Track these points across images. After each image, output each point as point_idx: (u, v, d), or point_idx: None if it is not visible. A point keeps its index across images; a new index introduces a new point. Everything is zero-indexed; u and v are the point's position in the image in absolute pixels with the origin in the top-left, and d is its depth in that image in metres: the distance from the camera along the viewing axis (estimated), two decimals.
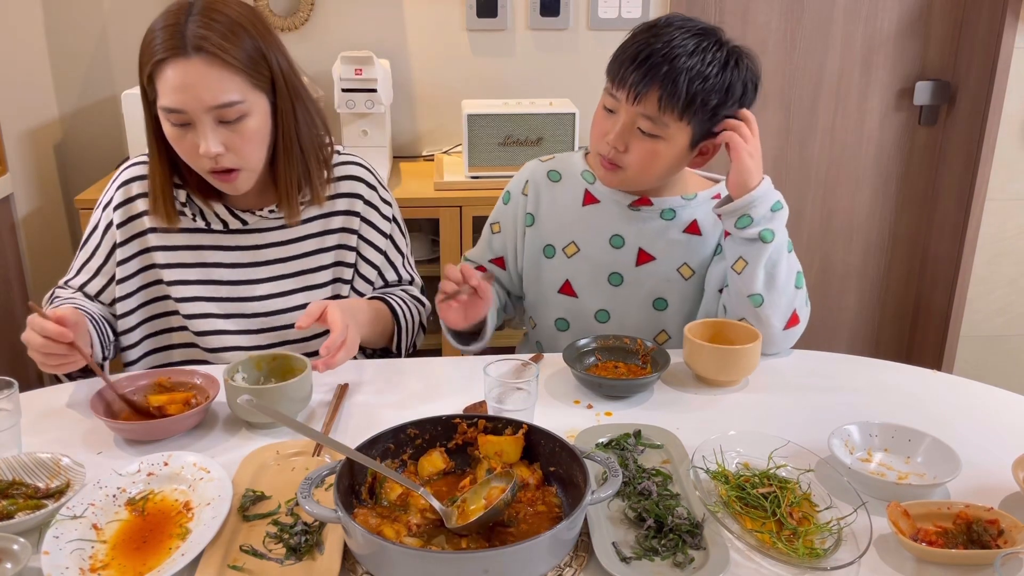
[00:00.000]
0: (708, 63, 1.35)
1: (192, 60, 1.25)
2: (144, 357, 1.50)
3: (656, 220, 1.53)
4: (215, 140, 1.29)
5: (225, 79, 1.27)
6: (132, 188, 1.46)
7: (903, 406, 1.28)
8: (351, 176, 1.51)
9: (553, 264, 1.58)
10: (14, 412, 1.10)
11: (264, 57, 1.31)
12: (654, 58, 1.34)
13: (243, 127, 1.31)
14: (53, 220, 2.56)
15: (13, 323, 2.26)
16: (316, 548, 0.95)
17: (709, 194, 1.54)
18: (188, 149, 1.32)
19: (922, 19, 2.70)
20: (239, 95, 1.29)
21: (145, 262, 1.46)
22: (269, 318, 1.48)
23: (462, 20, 2.58)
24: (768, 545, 0.94)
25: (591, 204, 1.55)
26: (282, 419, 1.01)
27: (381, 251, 1.54)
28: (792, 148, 2.82)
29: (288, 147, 1.38)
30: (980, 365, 2.96)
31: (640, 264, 1.54)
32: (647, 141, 1.40)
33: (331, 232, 1.50)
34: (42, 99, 2.52)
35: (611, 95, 1.42)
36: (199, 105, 1.27)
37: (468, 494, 0.97)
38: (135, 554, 0.94)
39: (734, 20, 2.68)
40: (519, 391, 1.17)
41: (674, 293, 1.55)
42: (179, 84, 1.26)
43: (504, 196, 1.65)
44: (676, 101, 1.35)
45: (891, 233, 2.94)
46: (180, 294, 1.46)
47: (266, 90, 1.33)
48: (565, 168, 1.60)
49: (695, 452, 1.10)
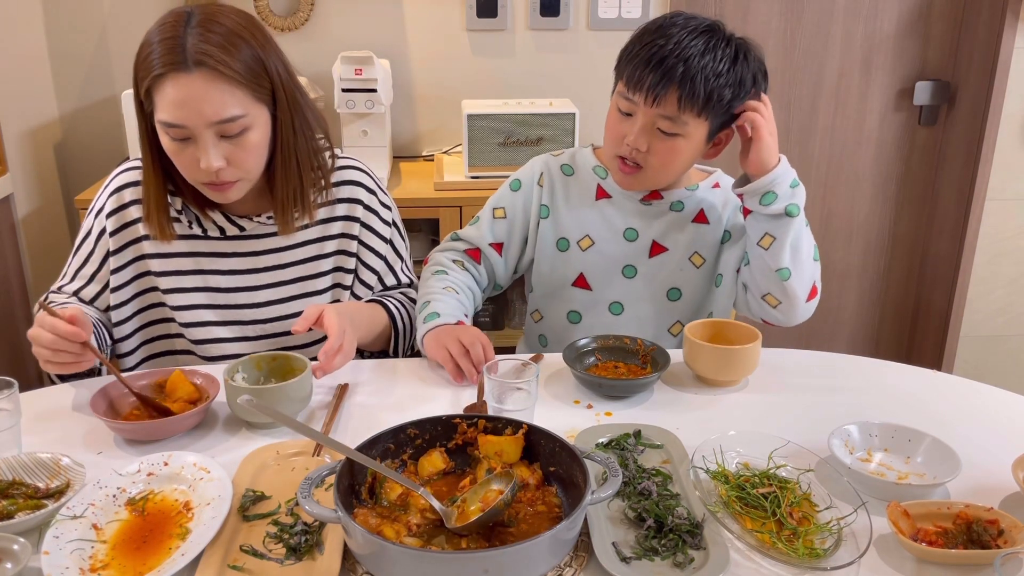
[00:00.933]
0: (720, 59, 1.38)
1: (193, 75, 1.23)
2: (140, 364, 1.50)
3: (667, 213, 1.56)
4: (217, 155, 1.27)
5: (227, 94, 1.25)
6: (125, 195, 1.44)
7: (903, 406, 1.28)
8: (351, 181, 1.50)
9: (567, 257, 1.59)
10: (14, 412, 1.10)
11: (264, 68, 1.29)
12: (669, 59, 1.37)
13: (245, 140, 1.29)
14: (53, 220, 2.56)
15: (13, 323, 2.26)
16: (316, 548, 0.95)
17: (708, 183, 1.59)
18: (188, 163, 1.29)
19: (922, 19, 2.70)
20: (241, 109, 1.27)
21: (140, 269, 1.45)
22: (268, 325, 1.48)
23: (462, 20, 2.58)
24: (768, 545, 0.94)
25: (604, 199, 1.58)
26: (282, 419, 1.01)
27: (381, 256, 1.53)
28: (792, 148, 2.82)
29: (286, 160, 1.36)
30: (980, 365, 2.96)
31: (653, 256, 1.57)
32: (668, 140, 1.43)
33: (330, 238, 1.49)
34: (42, 99, 2.52)
35: (626, 98, 1.43)
36: (201, 121, 1.24)
37: (468, 494, 0.98)
38: (135, 554, 0.94)
39: (734, 20, 2.68)
40: (519, 391, 1.17)
41: (687, 282, 1.58)
42: (180, 99, 1.23)
43: (512, 183, 1.64)
44: (695, 100, 1.38)
45: (891, 233, 2.94)
46: (177, 302, 1.45)
47: (267, 101, 1.31)
48: (577, 163, 1.62)
49: (695, 452, 1.10)
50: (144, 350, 1.50)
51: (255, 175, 1.35)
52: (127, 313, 1.46)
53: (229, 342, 1.47)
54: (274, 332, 1.48)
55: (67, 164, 2.61)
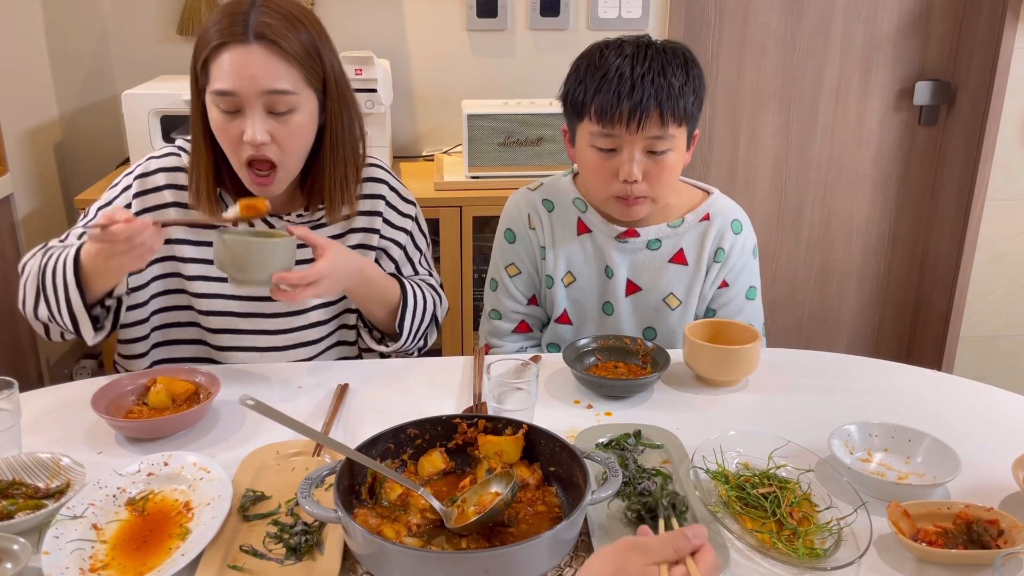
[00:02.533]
0: (673, 64, 1.39)
1: (251, 47, 1.28)
2: (152, 350, 1.50)
3: (643, 251, 1.54)
4: (262, 128, 1.30)
5: (281, 68, 1.29)
6: (158, 179, 1.43)
7: (903, 406, 1.28)
8: (374, 179, 1.52)
9: (552, 294, 1.59)
10: (14, 412, 1.10)
11: (319, 54, 1.34)
12: (632, 81, 1.36)
13: (290, 120, 1.32)
14: (53, 220, 2.56)
15: (13, 323, 2.26)
16: (316, 548, 0.95)
17: (697, 216, 1.54)
18: (233, 136, 1.32)
19: (922, 19, 2.70)
20: (292, 86, 1.31)
21: (164, 253, 1.44)
22: (288, 319, 1.48)
23: (462, 20, 2.58)
24: (768, 545, 0.94)
25: (584, 233, 1.56)
26: (282, 419, 1.01)
27: (401, 246, 1.53)
28: (792, 148, 2.82)
29: (334, 149, 1.40)
30: (980, 365, 2.95)
31: (629, 294, 1.55)
32: (659, 159, 1.41)
33: (354, 232, 1.50)
34: (42, 99, 2.52)
35: (606, 135, 1.40)
36: (253, 88, 1.28)
37: (468, 494, 0.98)
38: (135, 554, 0.94)
39: (734, 20, 2.68)
40: (519, 391, 1.17)
41: (661, 323, 1.56)
42: (236, 68, 1.28)
43: (507, 234, 1.61)
44: (675, 110, 1.37)
45: (891, 233, 2.94)
46: (200, 289, 1.45)
47: (317, 88, 1.35)
48: (556, 196, 1.59)
49: (695, 452, 1.10)
50: (157, 335, 1.50)
51: (294, 165, 1.37)
52: (144, 297, 1.46)
53: (247, 334, 1.48)
54: (293, 327, 1.48)
55: (67, 164, 2.61)
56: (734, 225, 1.54)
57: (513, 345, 1.63)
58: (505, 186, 2.26)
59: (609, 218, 1.53)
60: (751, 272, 1.58)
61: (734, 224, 1.54)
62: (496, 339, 1.64)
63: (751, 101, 2.76)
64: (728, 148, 2.82)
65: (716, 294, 1.56)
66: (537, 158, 2.32)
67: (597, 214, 1.54)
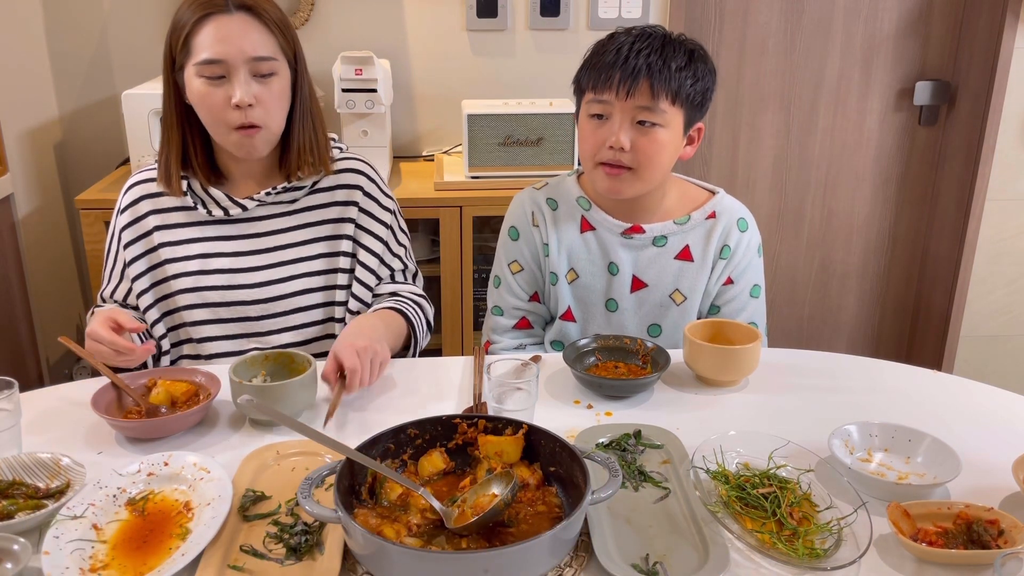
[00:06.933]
0: (678, 51, 1.42)
1: (234, 16, 1.37)
2: (172, 348, 1.55)
3: (648, 247, 1.55)
4: (248, 91, 1.37)
5: (264, 36, 1.39)
6: (135, 191, 1.51)
7: (903, 406, 1.28)
8: (353, 170, 1.57)
9: (556, 291, 1.59)
10: (14, 412, 1.10)
11: (290, 28, 1.44)
12: (631, 55, 1.40)
13: (271, 84, 1.40)
14: (53, 220, 2.56)
15: (13, 323, 2.26)
16: (316, 548, 0.95)
17: (703, 214, 1.55)
18: (218, 103, 1.38)
19: (922, 19, 2.70)
20: (273, 53, 1.40)
21: (153, 261, 1.50)
22: (266, 304, 1.51)
23: (462, 20, 2.58)
24: (768, 545, 0.94)
25: (588, 231, 1.57)
26: (282, 419, 1.01)
27: (382, 240, 1.56)
28: (792, 148, 2.82)
29: (303, 111, 1.48)
30: (980, 365, 2.96)
31: (634, 291, 1.56)
32: (649, 132, 1.42)
33: (328, 222, 1.54)
34: (42, 99, 2.52)
35: (598, 101, 1.43)
36: (240, 55, 1.36)
37: (468, 494, 0.98)
38: (135, 554, 0.94)
39: (734, 20, 2.68)
40: (519, 391, 1.17)
41: (666, 319, 1.57)
42: (221, 36, 1.36)
43: (510, 232, 1.62)
44: (666, 83, 1.39)
45: (891, 233, 2.94)
46: (182, 285, 1.50)
47: (290, 60, 1.44)
48: (560, 195, 1.60)
49: (695, 452, 1.10)
50: (172, 336, 1.54)
51: (276, 126, 1.44)
52: (149, 301, 1.51)
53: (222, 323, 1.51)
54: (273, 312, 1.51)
55: (67, 164, 2.61)
56: (740, 223, 1.56)
57: (512, 341, 1.64)
58: (505, 186, 2.26)
59: (613, 215, 1.54)
60: (755, 270, 1.59)
61: (740, 222, 1.56)
62: (496, 335, 1.65)
63: (751, 101, 2.77)
64: (728, 148, 2.82)
65: (721, 291, 1.57)
66: (537, 158, 2.32)
67: (601, 211, 1.55)
